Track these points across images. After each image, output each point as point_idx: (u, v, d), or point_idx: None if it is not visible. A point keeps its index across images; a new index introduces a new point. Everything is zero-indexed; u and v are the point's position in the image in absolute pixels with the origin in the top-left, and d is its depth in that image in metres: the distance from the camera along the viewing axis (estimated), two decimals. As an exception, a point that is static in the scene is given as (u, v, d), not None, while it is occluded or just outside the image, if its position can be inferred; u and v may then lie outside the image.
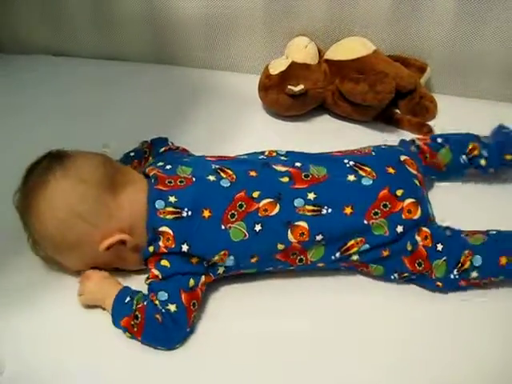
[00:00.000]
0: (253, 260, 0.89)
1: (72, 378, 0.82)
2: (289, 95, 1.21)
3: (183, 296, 0.84)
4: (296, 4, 1.28)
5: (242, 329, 0.86)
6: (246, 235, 0.87)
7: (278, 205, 0.88)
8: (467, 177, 1.07)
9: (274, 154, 0.99)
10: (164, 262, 0.85)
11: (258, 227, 0.87)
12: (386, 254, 0.90)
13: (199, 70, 1.39)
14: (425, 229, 0.91)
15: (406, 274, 0.90)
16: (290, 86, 1.20)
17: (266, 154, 0.99)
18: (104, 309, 0.88)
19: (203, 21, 1.34)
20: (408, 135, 1.19)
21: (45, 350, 0.84)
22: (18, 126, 1.23)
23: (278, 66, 1.24)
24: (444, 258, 0.88)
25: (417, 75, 1.26)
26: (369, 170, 0.93)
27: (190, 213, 0.87)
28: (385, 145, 1.04)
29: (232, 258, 0.87)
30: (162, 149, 1.05)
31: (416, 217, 0.90)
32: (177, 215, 0.86)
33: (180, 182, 0.90)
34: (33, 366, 0.82)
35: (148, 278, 0.86)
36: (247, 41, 1.35)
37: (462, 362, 0.82)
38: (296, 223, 0.88)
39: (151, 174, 0.91)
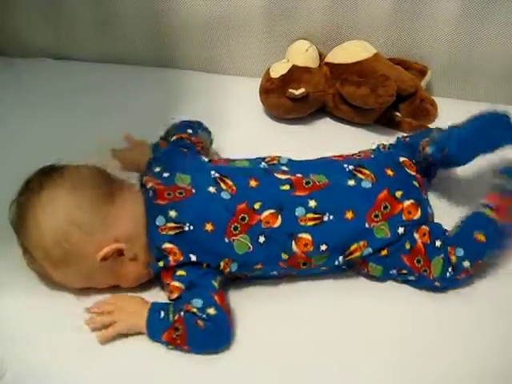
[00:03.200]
0: (257, 267, 0.89)
1: (76, 381, 0.82)
2: (290, 98, 1.21)
3: (216, 298, 0.84)
4: (297, 7, 1.28)
5: (243, 334, 0.87)
6: (250, 248, 0.88)
7: (280, 216, 0.89)
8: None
9: (276, 161, 0.99)
10: (180, 272, 0.85)
11: (261, 238, 0.88)
12: (384, 253, 0.91)
13: (200, 74, 1.39)
14: (424, 226, 0.92)
15: (404, 271, 0.91)
16: (290, 90, 1.20)
17: (268, 160, 0.99)
18: (140, 333, 0.86)
19: (204, 24, 1.34)
20: (409, 138, 1.20)
21: (47, 353, 0.85)
22: (18, 129, 1.23)
23: (278, 70, 1.25)
24: (442, 256, 0.89)
25: (417, 78, 1.27)
26: (368, 172, 0.94)
27: (191, 227, 0.86)
28: (383, 146, 1.05)
29: (236, 264, 0.88)
30: (174, 137, 1.03)
31: (416, 217, 0.92)
32: (178, 230, 0.86)
33: (179, 193, 0.89)
34: (34, 370, 0.83)
35: (171, 292, 0.86)
36: (248, 44, 1.35)
37: (463, 361, 0.83)
38: (299, 235, 0.89)
39: (149, 186, 0.90)
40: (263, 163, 0.98)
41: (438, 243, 0.90)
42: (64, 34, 1.43)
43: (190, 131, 1.05)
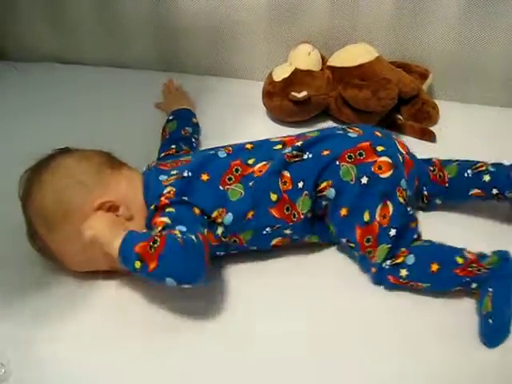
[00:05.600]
0: (249, 215, 0.91)
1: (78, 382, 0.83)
2: (292, 102, 1.22)
3: (199, 235, 0.84)
4: (299, 11, 1.28)
5: (243, 327, 0.88)
6: (242, 194, 0.91)
7: (270, 162, 0.93)
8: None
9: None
10: (169, 209, 0.88)
11: (251, 183, 0.92)
12: (343, 213, 0.92)
13: (203, 77, 1.40)
14: (389, 205, 0.91)
15: (352, 245, 0.93)
16: (293, 93, 1.21)
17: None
18: (105, 256, 0.86)
19: (207, 28, 1.35)
20: (410, 140, 1.20)
21: (50, 355, 0.85)
22: (22, 131, 1.24)
23: (281, 73, 1.25)
24: (389, 246, 0.90)
25: (419, 81, 1.28)
26: (357, 129, 0.99)
27: (190, 173, 0.92)
28: None
29: (230, 214, 0.91)
30: (163, 154, 1.10)
31: (384, 175, 0.92)
32: (178, 176, 0.92)
33: (181, 163, 0.96)
34: (38, 372, 0.83)
35: (156, 228, 0.86)
36: (250, 48, 1.36)
37: (460, 359, 0.83)
38: (283, 173, 0.92)
39: (152, 161, 1.00)
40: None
41: (392, 232, 0.91)
42: (68, 39, 1.45)
43: (173, 146, 1.11)
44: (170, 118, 1.20)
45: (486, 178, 0.97)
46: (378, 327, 0.87)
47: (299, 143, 0.95)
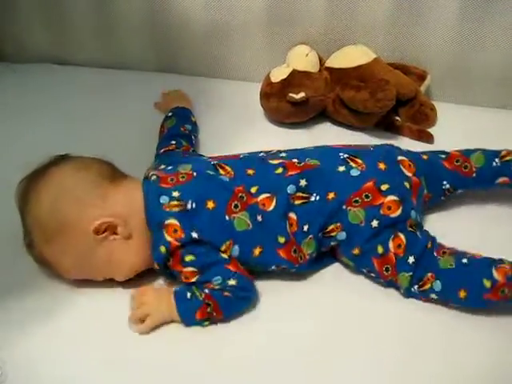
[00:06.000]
0: (256, 252, 0.90)
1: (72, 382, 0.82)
2: (290, 103, 1.22)
3: (230, 267, 0.87)
4: (297, 12, 1.28)
5: (245, 333, 0.87)
6: (249, 225, 0.90)
7: (275, 199, 0.91)
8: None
9: (275, 151, 1.02)
10: (188, 258, 0.87)
11: (259, 218, 0.91)
12: (356, 252, 0.91)
13: (200, 79, 1.40)
14: (401, 236, 0.90)
15: (373, 275, 0.92)
16: (291, 94, 1.21)
17: (265, 150, 1.02)
18: (171, 321, 0.88)
19: (204, 30, 1.35)
20: (408, 142, 1.20)
21: (46, 356, 0.85)
22: (19, 132, 1.24)
23: (279, 74, 1.25)
24: (410, 274, 0.89)
25: (417, 83, 1.27)
26: (360, 162, 0.96)
27: (194, 205, 0.89)
28: (388, 144, 1.05)
29: (237, 247, 0.89)
30: (162, 150, 1.09)
31: (394, 215, 0.91)
32: (181, 207, 0.89)
33: (182, 177, 0.93)
34: (33, 373, 0.83)
35: (187, 278, 0.88)
36: (248, 49, 1.36)
37: (459, 363, 0.83)
38: (289, 215, 0.91)
39: (152, 173, 0.94)
40: (262, 153, 1.01)
41: (411, 259, 0.89)
42: (65, 40, 1.45)
43: (173, 142, 1.10)
44: (169, 114, 1.20)
45: None
46: (381, 336, 0.87)
47: (303, 182, 0.92)
